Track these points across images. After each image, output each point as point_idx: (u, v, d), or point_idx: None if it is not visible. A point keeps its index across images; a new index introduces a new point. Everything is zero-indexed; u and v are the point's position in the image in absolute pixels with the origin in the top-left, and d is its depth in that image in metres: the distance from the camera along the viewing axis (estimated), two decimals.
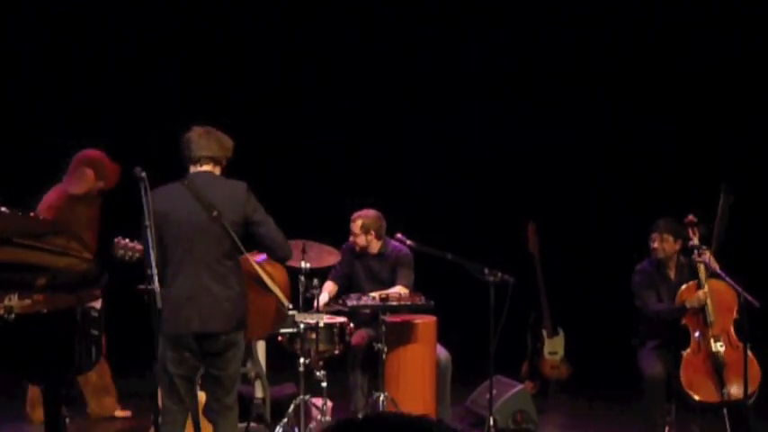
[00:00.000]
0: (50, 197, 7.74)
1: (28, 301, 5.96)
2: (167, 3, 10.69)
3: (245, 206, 5.75)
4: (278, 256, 5.91)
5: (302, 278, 7.28)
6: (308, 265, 7.31)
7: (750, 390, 6.93)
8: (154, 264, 5.27)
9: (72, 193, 7.67)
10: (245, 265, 5.86)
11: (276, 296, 5.87)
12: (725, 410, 7.13)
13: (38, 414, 7.76)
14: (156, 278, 5.25)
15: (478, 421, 8.07)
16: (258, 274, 5.81)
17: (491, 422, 7.71)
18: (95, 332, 6.14)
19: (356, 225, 7.89)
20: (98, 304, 6.20)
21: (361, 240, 7.90)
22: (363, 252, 7.95)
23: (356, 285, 7.90)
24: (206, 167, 5.85)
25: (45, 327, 5.79)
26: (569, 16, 10.56)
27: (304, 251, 7.30)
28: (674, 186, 9.65)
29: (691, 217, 7.27)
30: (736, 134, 9.96)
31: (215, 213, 5.64)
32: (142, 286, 6.35)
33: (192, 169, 5.89)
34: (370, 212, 7.93)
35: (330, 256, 7.55)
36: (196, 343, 5.74)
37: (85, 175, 7.67)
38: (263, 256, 6.07)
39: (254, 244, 5.93)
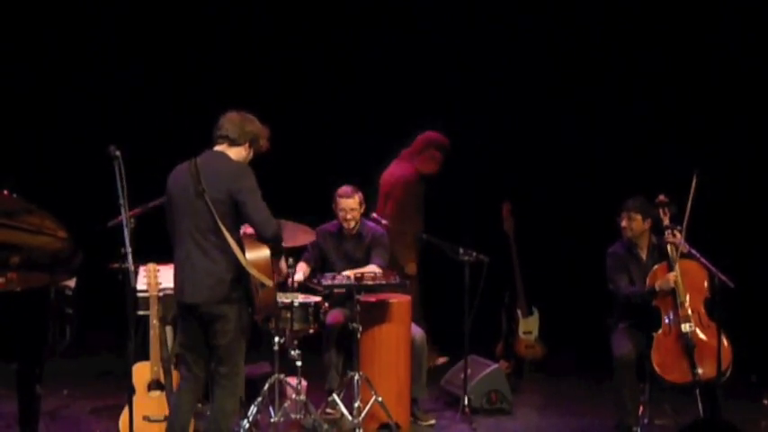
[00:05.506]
0: (403, 171, 8.54)
1: (1, 280, 5.96)
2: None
3: (231, 184, 5.83)
4: (261, 237, 5.96)
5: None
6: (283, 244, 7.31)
7: (722, 369, 6.97)
8: (128, 242, 5.29)
9: (422, 172, 8.44)
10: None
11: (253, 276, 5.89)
12: (697, 390, 7.17)
13: None
14: (130, 257, 5.27)
15: (453, 401, 8.11)
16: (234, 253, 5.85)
17: (465, 402, 7.76)
18: (69, 311, 6.14)
19: (355, 201, 7.73)
20: (72, 283, 6.19)
21: (357, 215, 7.78)
22: (340, 233, 7.91)
23: (329, 266, 7.81)
24: (219, 147, 6.02)
25: (18, 305, 5.78)
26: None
27: None
28: (648, 167, 9.67)
29: (662, 197, 7.27)
30: (708, 115, 9.98)
31: (200, 188, 5.77)
32: (116, 264, 6.38)
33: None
34: (354, 187, 7.80)
35: (305, 235, 7.51)
36: (185, 311, 5.96)
37: (436, 158, 8.58)
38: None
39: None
